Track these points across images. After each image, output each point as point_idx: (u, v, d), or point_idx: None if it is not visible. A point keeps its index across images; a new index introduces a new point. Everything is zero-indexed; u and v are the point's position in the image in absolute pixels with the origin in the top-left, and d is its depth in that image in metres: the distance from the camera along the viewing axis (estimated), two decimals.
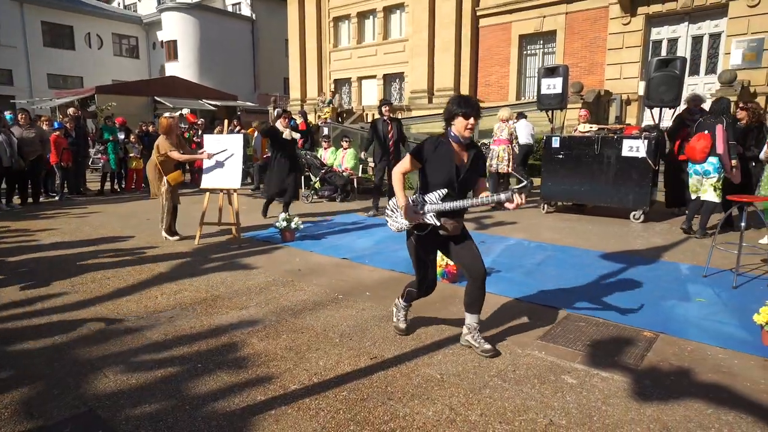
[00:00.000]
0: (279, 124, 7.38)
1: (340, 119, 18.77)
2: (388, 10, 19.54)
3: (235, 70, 28.46)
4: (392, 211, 3.18)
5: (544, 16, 15.43)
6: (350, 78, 21.15)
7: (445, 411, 2.48)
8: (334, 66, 21.62)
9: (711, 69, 12.81)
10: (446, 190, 2.97)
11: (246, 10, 29.98)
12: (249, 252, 5.69)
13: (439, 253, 4.47)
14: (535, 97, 8.69)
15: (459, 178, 2.96)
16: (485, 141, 10.08)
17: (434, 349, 3.17)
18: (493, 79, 17.05)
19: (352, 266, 5.13)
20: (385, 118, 7.61)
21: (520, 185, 2.90)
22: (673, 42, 13.45)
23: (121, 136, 11.28)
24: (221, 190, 6.30)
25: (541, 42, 16.00)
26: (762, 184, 5.45)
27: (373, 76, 20.34)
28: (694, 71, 13.05)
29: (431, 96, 17.94)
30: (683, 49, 13.12)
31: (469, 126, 2.89)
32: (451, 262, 4.43)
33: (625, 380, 2.79)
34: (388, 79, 20.10)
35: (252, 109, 22.85)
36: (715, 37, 12.81)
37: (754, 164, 6.33)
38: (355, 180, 10.45)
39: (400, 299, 3.42)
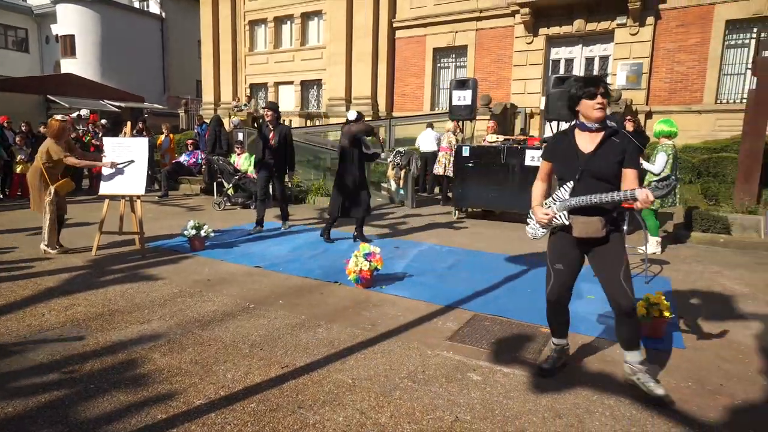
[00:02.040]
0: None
1: (255, 125, 18.31)
2: (306, 17, 19.45)
3: (142, 71, 26.77)
4: (530, 218, 2.96)
5: (457, 32, 16.16)
6: (267, 83, 20.73)
7: (356, 415, 2.50)
8: (249, 70, 21.09)
9: None
10: (572, 183, 2.65)
11: (155, 8, 28.38)
12: (153, 262, 5.36)
13: (352, 258, 4.55)
14: (448, 108, 9.06)
15: (583, 167, 2.60)
16: (400, 149, 10.35)
17: (346, 355, 3.18)
18: (409, 90, 17.53)
19: (265, 274, 5.01)
20: (268, 122, 6.96)
21: (661, 181, 2.44)
22: (569, 62, 14.66)
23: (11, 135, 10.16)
24: (123, 196, 5.89)
25: (454, 56, 16.74)
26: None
27: (291, 82, 20.10)
28: None
29: (349, 104, 18.06)
30: (578, 69, 14.34)
31: (598, 105, 2.56)
32: (365, 268, 4.47)
33: (524, 374, 2.98)
34: (306, 86, 19.97)
35: (161, 111, 21.64)
36: (604, 60, 14.15)
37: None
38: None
39: (553, 338, 3.06)
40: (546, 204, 2.77)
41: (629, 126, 7.39)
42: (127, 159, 5.72)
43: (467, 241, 6.71)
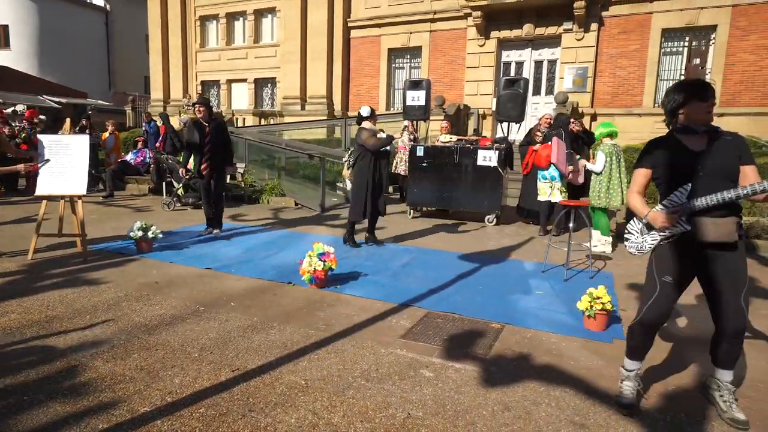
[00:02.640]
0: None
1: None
2: (259, 14, 19.09)
3: (85, 65, 25.51)
4: (630, 233, 2.72)
5: (411, 33, 16.31)
6: (219, 80, 20.21)
7: (308, 416, 2.48)
8: (201, 67, 20.49)
9: (550, 90, 14.61)
10: (689, 185, 2.44)
11: (99, 0, 27.09)
12: (97, 266, 5.12)
13: (306, 258, 4.51)
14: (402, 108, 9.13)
15: (704, 166, 2.42)
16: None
17: (299, 356, 3.15)
18: (365, 89, 17.55)
19: (217, 276, 4.89)
20: (200, 119, 6.47)
21: None
22: (520, 65, 15.09)
23: None
24: (62, 197, 5.59)
25: (409, 56, 16.88)
26: (591, 190, 6.39)
27: (244, 80, 19.68)
28: (537, 92, 14.78)
29: (304, 103, 17.89)
30: (528, 72, 14.79)
31: (709, 108, 2.44)
32: (319, 268, 4.44)
33: (475, 369, 3.05)
34: (260, 84, 19.61)
35: (105, 108, 20.69)
36: (552, 63, 14.66)
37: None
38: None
39: (629, 360, 2.70)
40: (659, 209, 2.52)
41: (575, 127, 7.66)
42: (46, 159, 5.37)
43: (422, 240, 6.79)
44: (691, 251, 2.49)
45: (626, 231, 2.75)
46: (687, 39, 12.92)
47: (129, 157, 11.53)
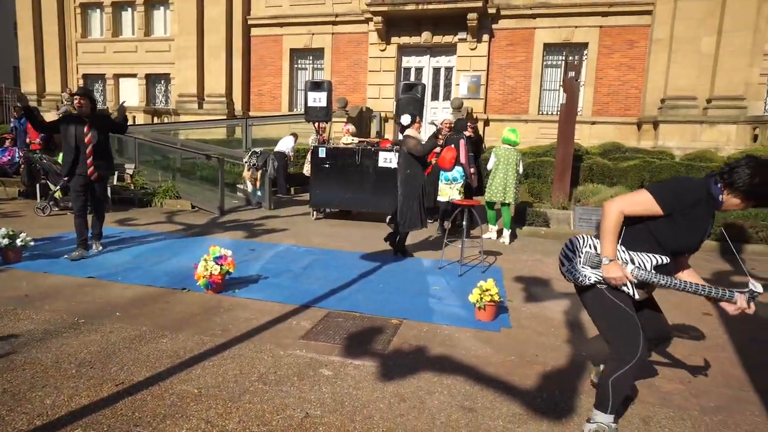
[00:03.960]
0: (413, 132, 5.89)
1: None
2: (150, 5, 17.88)
3: None
4: (572, 251, 2.39)
5: (313, 34, 16.24)
6: (104, 74, 18.61)
7: (201, 425, 2.39)
8: (83, 59, 18.71)
9: (447, 96, 15.35)
10: (668, 259, 2.24)
11: None
12: None
13: (201, 263, 4.32)
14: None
15: (687, 246, 2.26)
16: (257, 150, 10.08)
17: (192, 364, 3.02)
18: (267, 89, 17.15)
19: (100, 285, 4.51)
20: (81, 113, 5.46)
21: (754, 292, 2.13)
22: (419, 70, 15.68)
23: None
24: None
25: (311, 58, 16.79)
26: (489, 189, 7.14)
27: (134, 75, 18.31)
28: (436, 97, 15.46)
29: (201, 101, 17.05)
30: (427, 77, 15.41)
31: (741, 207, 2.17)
32: (215, 272, 4.28)
33: (374, 365, 3.13)
34: (152, 80, 18.36)
35: None
36: (449, 70, 15.41)
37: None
38: (109, 189, 9.19)
39: (604, 415, 2.29)
40: (624, 263, 2.26)
41: (469, 132, 8.14)
42: None
43: (324, 241, 6.79)
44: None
45: (567, 248, 2.43)
46: (564, 53, 14.26)
47: None
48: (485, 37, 14.57)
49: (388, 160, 7.90)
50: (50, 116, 11.12)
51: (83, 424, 2.35)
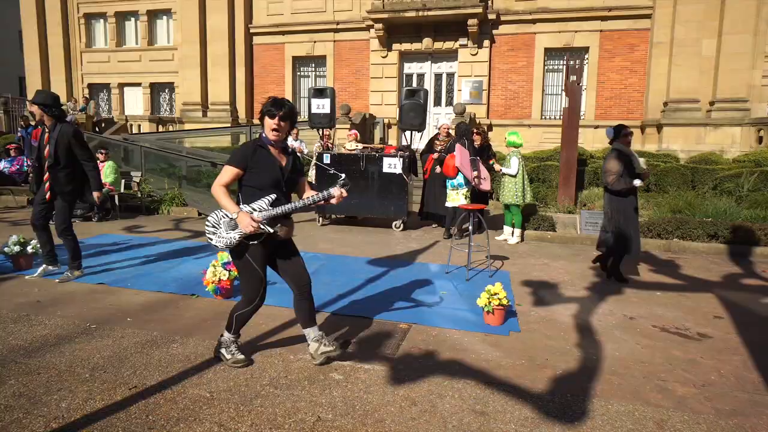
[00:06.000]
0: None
1: (97, 129, 16.45)
2: (153, 14, 18.05)
3: None
4: (214, 226, 2.97)
5: (315, 42, 16.35)
6: (109, 83, 18.77)
7: (214, 428, 2.41)
8: (87, 68, 18.89)
9: (449, 101, 15.41)
10: (275, 194, 2.91)
11: None
12: None
13: (210, 269, 4.36)
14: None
15: (284, 179, 2.96)
16: None
17: (204, 368, 3.04)
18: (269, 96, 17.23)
19: (111, 291, 4.54)
20: (39, 122, 5.04)
21: (341, 180, 2.98)
22: (421, 76, 15.75)
23: None
24: None
25: (314, 65, 16.90)
26: (501, 190, 7.32)
27: (138, 84, 18.46)
28: (438, 102, 15.53)
29: (206, 109, 17.17)
30: (429, 83, 15.48)
31: (276, 126, 2.90)
32: (224, 278, 4.31)
33: (384, 369, 3.14)
34: (156, 88, 18.51)
35: None
36: (450, 76, 15.48)
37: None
38: (116, 196, 9.27)
39: (228, 333, 3.12)
40: (250, 211, 2.89)
41: (477, 139, 8.14)
42: None
43: (330, 247, 6.82)
44: (268, 248, 3.02)
45: (208, 224, 2.99)
46: (565, 58, 14.31)
47: (2, 165, 10.30)
48: (486, 42, 14.65)
49: (392, 165, 7.94)
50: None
51: (98, 427, 2.37)
